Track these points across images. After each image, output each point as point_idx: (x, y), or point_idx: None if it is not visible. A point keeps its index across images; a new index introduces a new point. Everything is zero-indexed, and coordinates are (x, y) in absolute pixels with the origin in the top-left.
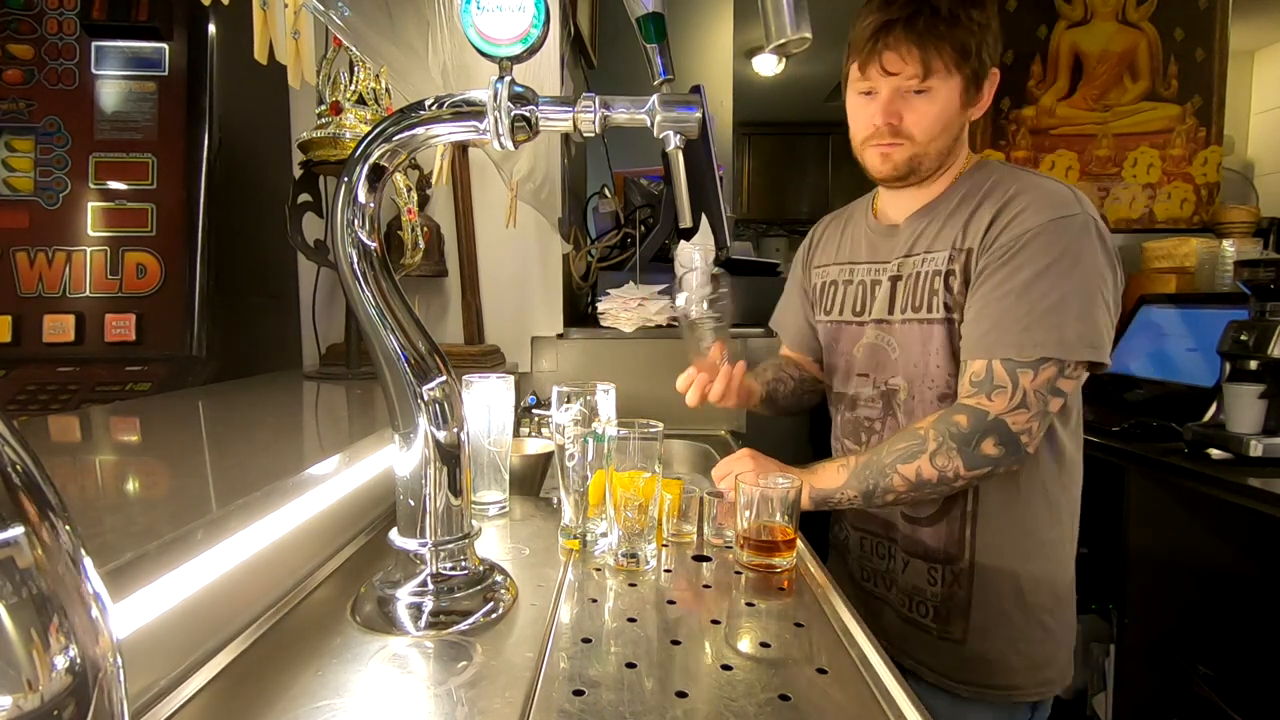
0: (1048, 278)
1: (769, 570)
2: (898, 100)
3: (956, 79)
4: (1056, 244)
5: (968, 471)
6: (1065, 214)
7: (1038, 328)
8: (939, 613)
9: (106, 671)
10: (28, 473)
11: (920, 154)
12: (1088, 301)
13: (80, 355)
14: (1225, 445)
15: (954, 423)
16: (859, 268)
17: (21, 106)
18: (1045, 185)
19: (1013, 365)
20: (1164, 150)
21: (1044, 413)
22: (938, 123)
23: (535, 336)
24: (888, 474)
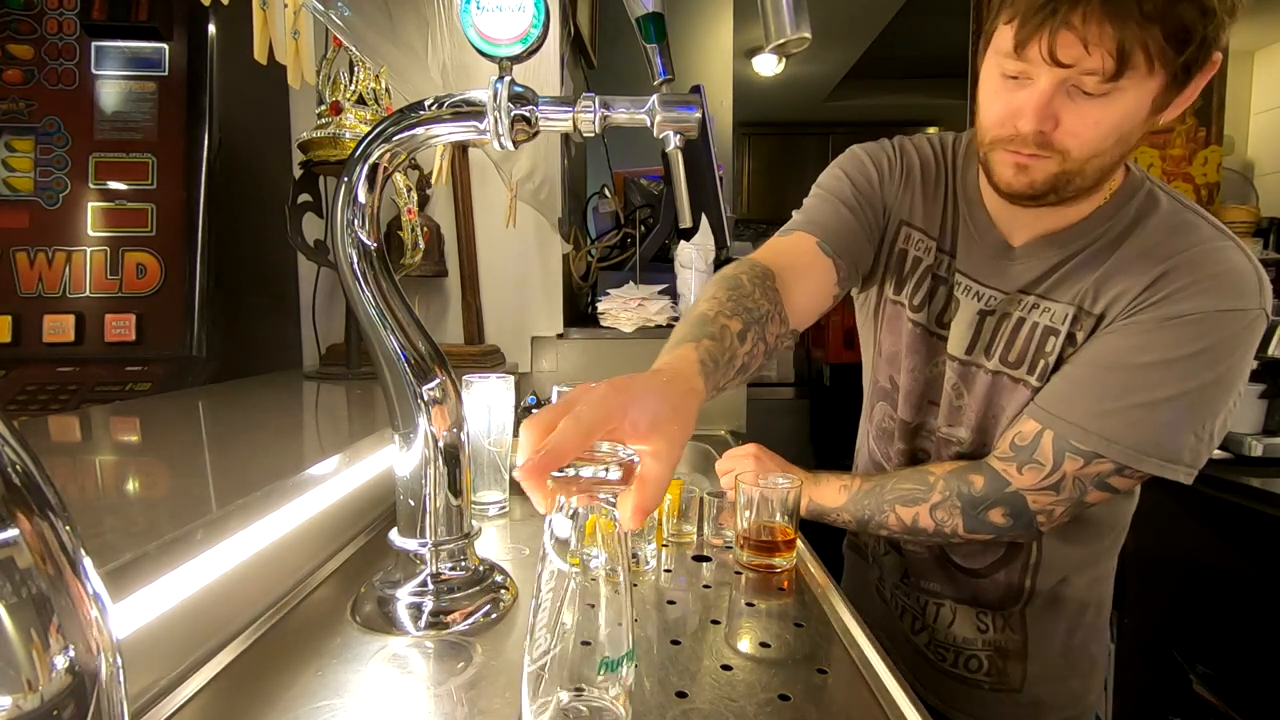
0: (1167, 371)
1: (769, 570)
2: (1061, 99)
3: (1157, 79)
4: (1203, 339)
5: (966, 533)
6: (1236, 307)
7: (1115, 420)
8: (993, 664)
9: (106, 672)
10: (28, 473)
11: (1073, 172)
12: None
13: (80, 355)
14: (1225, 445)
15: (968, 482)
16: (953, 268)
17: (21, 106)
18: (1229, 257)
19: (1064, 446)
20: (1164, 150)
21: (1078, 502)
22: (1110, 136)
23: (535, 336)
24: (884, 510)
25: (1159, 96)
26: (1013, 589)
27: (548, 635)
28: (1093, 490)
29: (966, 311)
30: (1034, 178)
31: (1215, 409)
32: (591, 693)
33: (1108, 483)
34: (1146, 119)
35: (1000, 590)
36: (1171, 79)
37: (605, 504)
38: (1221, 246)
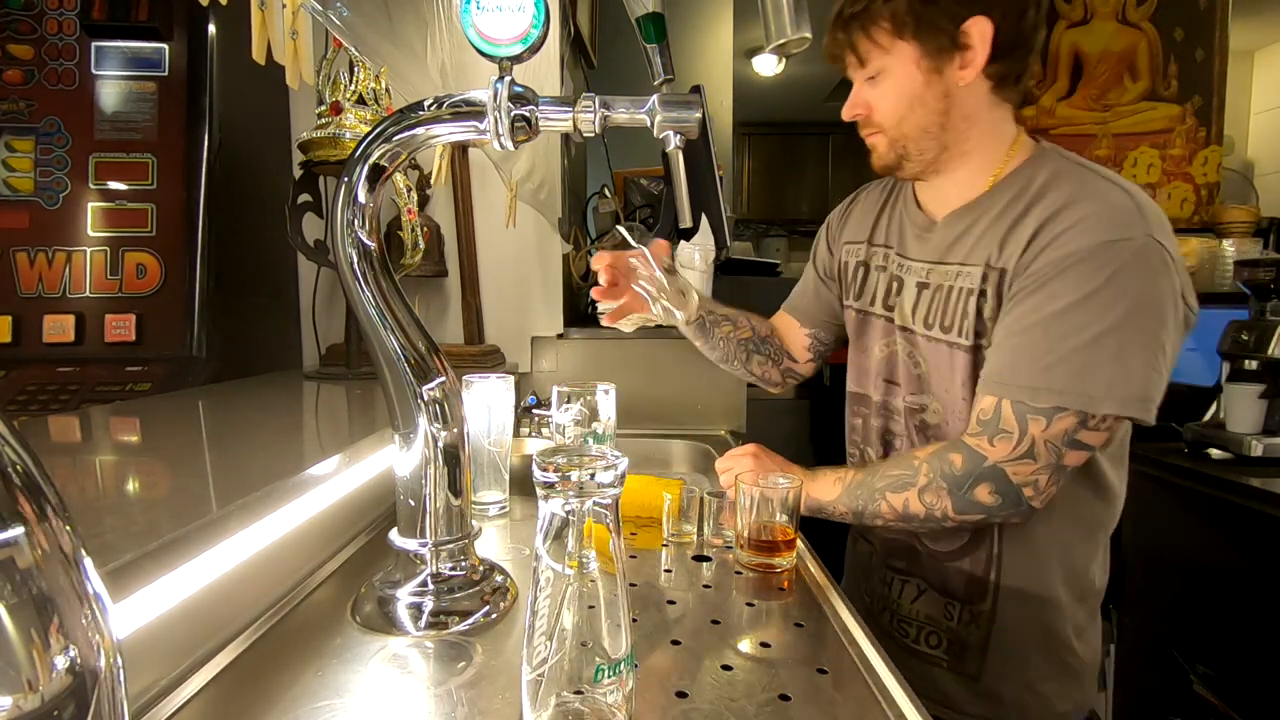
0: (1085, 309)
1: (769, 570)
2: (861, 90)
3: (906, 48)
4: (1102, 271)
5: (957, 515)
6: (1121, 236)
7: (1059, 370)
8: (952, 646)
9: (107, 672)
10: (28, 473)
11: (899, 136)
12: (1128, 343)
13: (80, 355)
14: (1225, 445)
15: (948, 461)
16: (892, 255)
17: (21, 107)
18: (1106, 195)
19: (1024, 409)
20: (1164, 150)
21: (1057, 466)
22: (901, 101)
23: (535, 336)
24: (876, 499)
25: (921, 61)
26: (977, 581)
27: (546, 642)
28: (1067, 451)
29: (909, 286)
30: (879, 149)
31: (1147, 339)
32: (592, 696)
33: (1077, 439)
34: (929, 78)
35: (965, 579)
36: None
37: (600, 508)
38: (1098, 188)
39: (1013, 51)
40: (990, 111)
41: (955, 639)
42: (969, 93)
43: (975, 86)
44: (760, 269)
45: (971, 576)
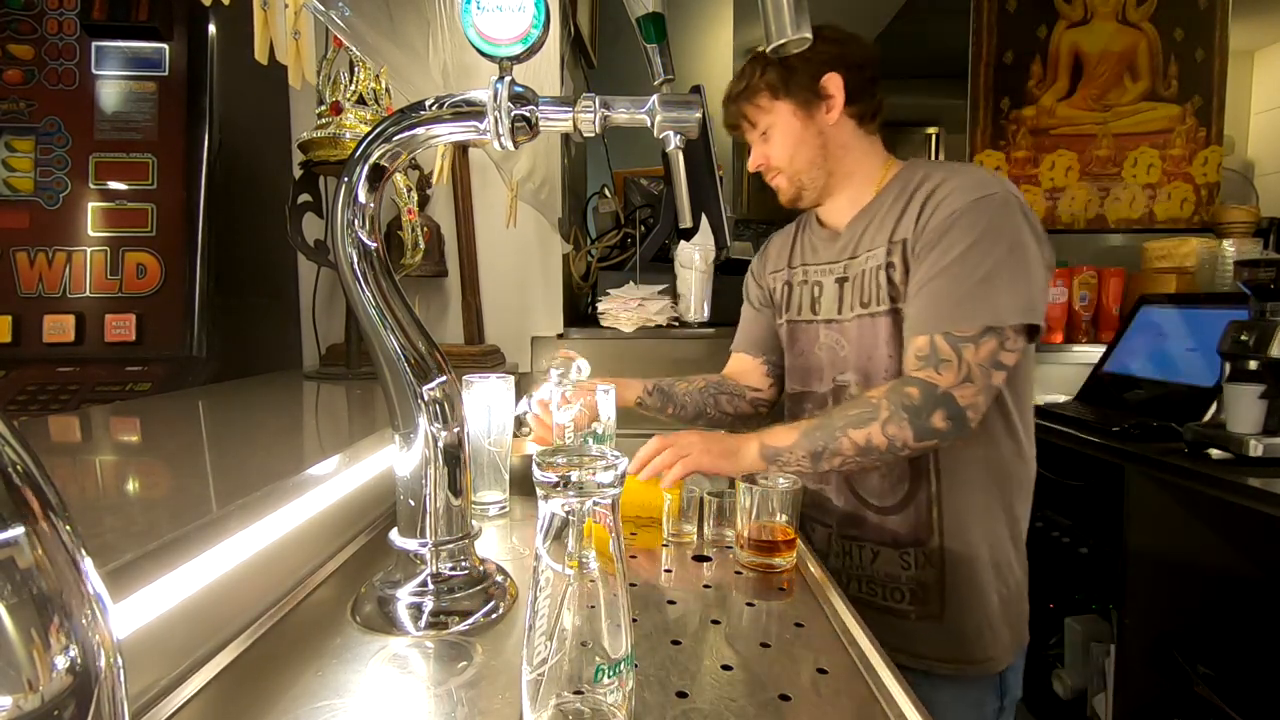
0: (976, 251)
1: (769, 570)
2: (758, 146)
3: (783, 105)
4: (980, 220)
5: (916, 443)
6: (986, 193)
7: (971, 299)
8: (915, 595)
9: (107, 671)
10: (28, 473)
11: (794, 173)
12: (1015, 269)
13: (80, 355)
14: (1225, 445)
15: (906, 394)
16: (810, 268)
17: (21, 106)
18: (968, 171)
19: (955, 339)
20: (1164, 150)
21: (989, 386)
22: (791, 145)
23: (535, 336)
24: (837, 436)
25: (798, 111)
26: (922, 523)
27: (546, 642)
28: (994, 372)
29: (828, 286)
30: (781, 187)
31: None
32: (592, 696)
33: (999, 360)
34: (805, 122)
35: (912, 526)
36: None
37: (600, 508)
38: (963, 167)
39: (861, 95)
40: (860, 140)
41: (916, 585)
42: (838, 129)
43: (842, 123)
44: None
45: (916, 522)
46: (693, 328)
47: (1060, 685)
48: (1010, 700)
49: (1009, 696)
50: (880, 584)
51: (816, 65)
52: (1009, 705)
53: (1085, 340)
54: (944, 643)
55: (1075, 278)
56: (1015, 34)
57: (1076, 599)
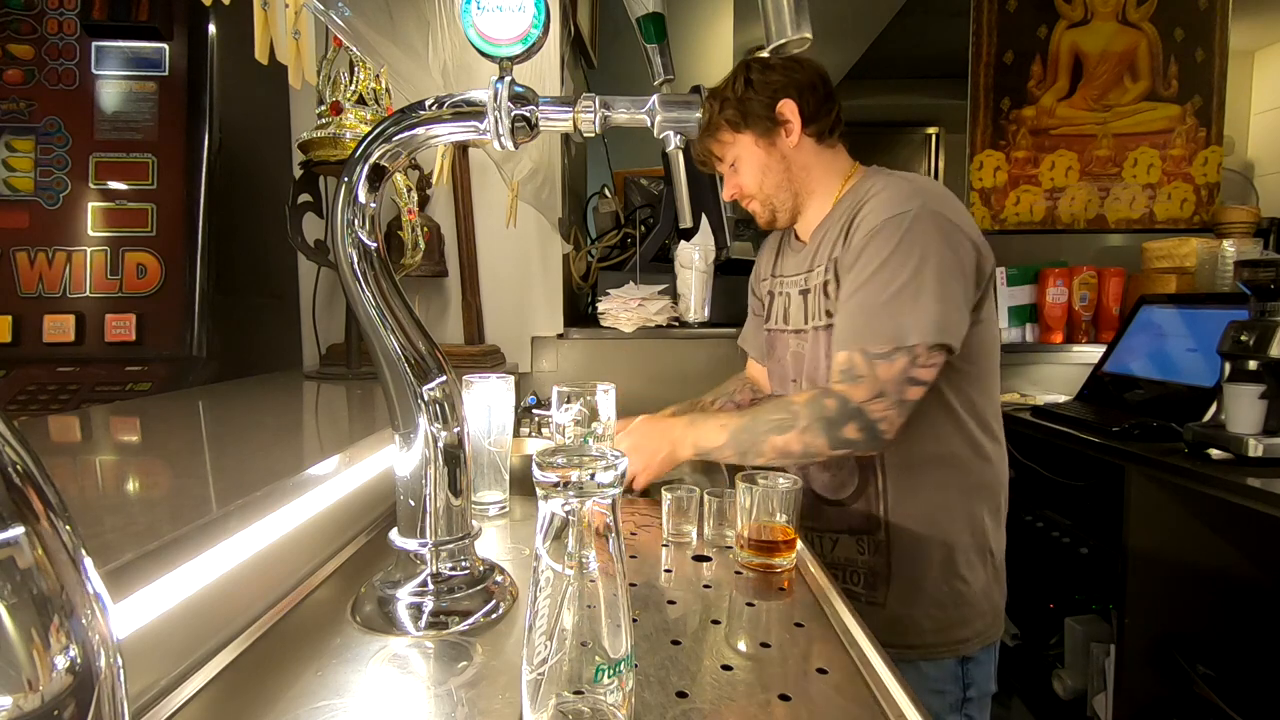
0: (884, 272)
1: (769, 570)
2: (730, 177)
3: (744, 138)
4: (891, 240)
5: (830, 451)
6: (899, 210)
7: (881, 318)
8: (868, 580)
9: (107, 671)
10: (28, 473)
11: (765, 198)
12: (921, 288)
13: (80, 355)
14: (1225, 445)
15: (824, 405)
16: (784, 279)
17: (22, 106)
18: (894, 185)
19: (869, 356)
20: (1164, 150)
21: (902, 401)
22: (757, 172)
23: (535, 336)
24: (760, 440)
25: (759, 141)
26: (871, 516)
27: (546, 642)
28: (908, 387)
29: (794, 297)
30: (758, 211)
31: (935, 283)
32: (591, 696)
33: (913, 376)
34: (769, 150)
35: (864, 516)
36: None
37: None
38: (889, 181)
39: (818, 114)
40: (821, 157)
41: (869, 571)
42: (799, 150)
43: (803, 144)
44: None
45: (865, 514)
46: (693, 328)
47: (1060, 685)
48: (979, 693)
49: (975, 688)
50: (841, 568)
51: (769, 94)
52: (977, 698)
53: (1085, 340)
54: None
55: (1075, 278)
56: (1015, 34)
57: (1076, 599)
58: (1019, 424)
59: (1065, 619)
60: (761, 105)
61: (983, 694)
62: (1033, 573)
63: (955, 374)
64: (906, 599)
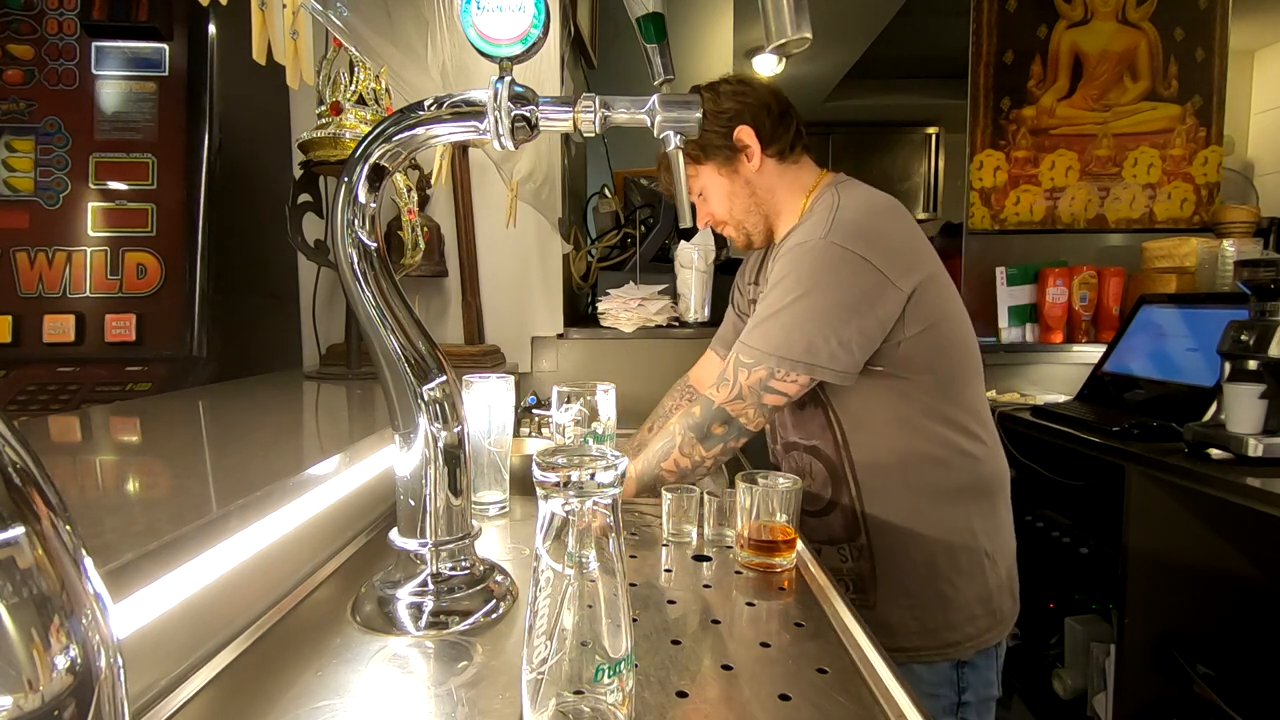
0: (773, 294)
1: (769, 570)
2: (701, 207)
3: (706, 169)
4: (792, 265)
5: (708, 453)
6: (802, 240)
7: (755, 333)
8: (855, 585)
9: (107, 671)
10: (28, 473)
11: (738, 224)
12: (798, 315)
13: (80, 355)
14: (1225, 445)
15: (691, 414)
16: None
17: (22, 107)
18: (818, 212)
19: (739, 363)
20: (1164, 150)
21: (759, 405)
22: (725, 200)
23: (535, 336)
24: (656, 469)
25: (721, 170)
26: (850, 524)
27: (547, 642)
28: (765, 394)
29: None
30: (733, 235)
31: (816, 317)
32: (592, 695)
33: (770, 386)
34: (732, 178)
35: (843, 525)
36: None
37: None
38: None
39: (775, 134)
40: (784, 175)
41: (856, 577)
42: (762, 174)
43: (765, 166)
44: None
45: (844, 522)
46: (692, 328)
47: (1060, 685)
48: (976, 697)
49: (972, 692)
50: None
51: (723, 123)
52: (975, 702)
53: (1085, 340)
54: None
55: (1075, 278)
56: (1015, 34)
57: (1076, 599)
58: (1019, 424)
59: (1065, 619)
60: (718, 136)
61: (981, 699)
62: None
63: (905, 384)
64: (893, 601)
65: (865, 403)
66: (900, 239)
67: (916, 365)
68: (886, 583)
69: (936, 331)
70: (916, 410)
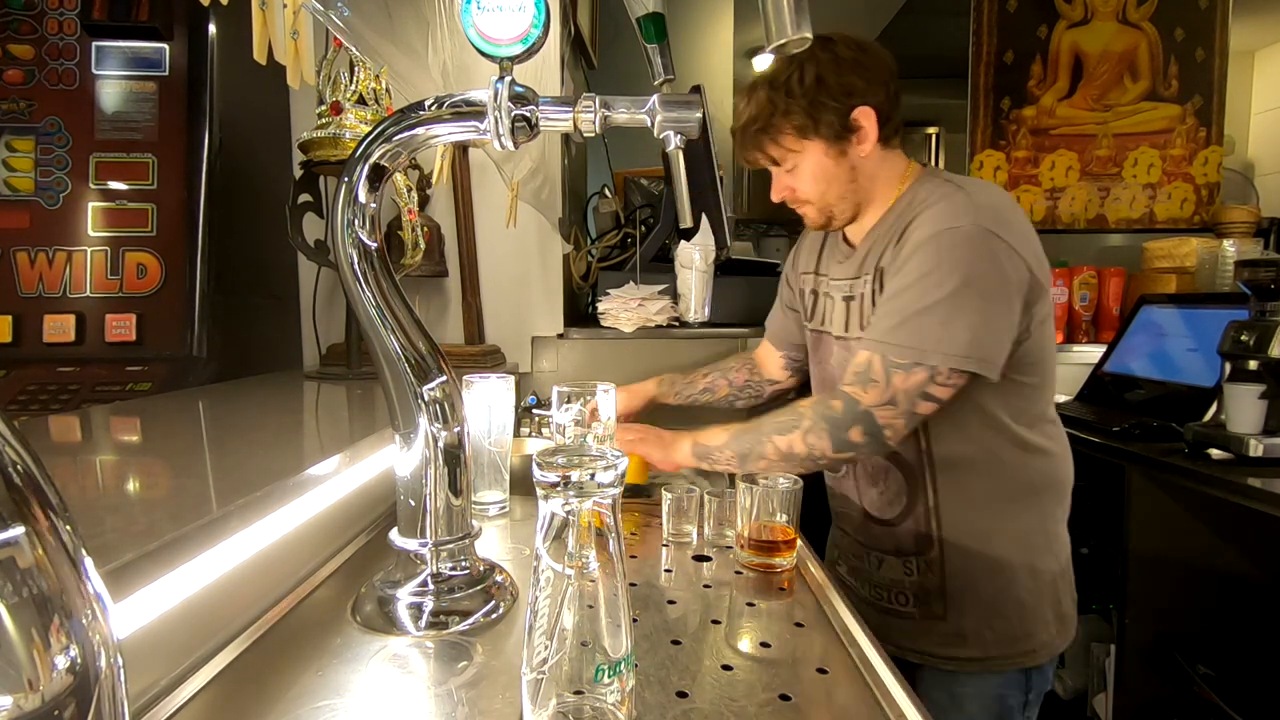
0: (923, 284)
1: (769, 570)
2: (782, 178)
3: (813, 144)
4: (936, 255)
5: (833, 453)
6: (951, 225)
7: (905, 329)
8: (918, 598)
9: (107, 671)
10: (28, 473)
11: (824, 206)
12: (958, 308)
13: (80, 355)
14: (1225, 445)
15: (830, 406)
16: (830, 281)
17: (22, 106)
18: (947, 196)
19: (889, 363)
20: (1164, 150)
21: (911, 413)
22: (819, 182)
23: (535, 336)
24: (762, 441)
25: (828, 151)
26: (922, 536)
27: (547, 642)
28: (920, 401)
29: (838, 302)
30: (811, 217)
31: (975, 306)
32: (592, 696)
33: (928, 392)
34: (838, 160)
35: (913, 537)
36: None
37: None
38: (944, 192)
39: (891, 117)
40: (885, 162)
41: (919, 590)
42: (869, 159)
43: (872, 152)
44: (761, 269)
45: (916, 534)
46: (693, 328)
47: (1060, 685)
48: (1037, 694)
49: (1035, 692)
50: (885, 589)
51: (845, 98)
52: (1034, 699)
53: (1085, 340)
54: (945, 642)
55: (1075, 278)
56: (1015, 34)
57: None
58: None
59: None
60: (834, 113)
61: (1039, 694)
62: None
63: (1009, 385)
64: (966, 610)
65: (960, 405)
66: (1031, 232)
67: (1023, 365)
68: (958, 592)
69: (1042, 330)
70: (1008, 412)
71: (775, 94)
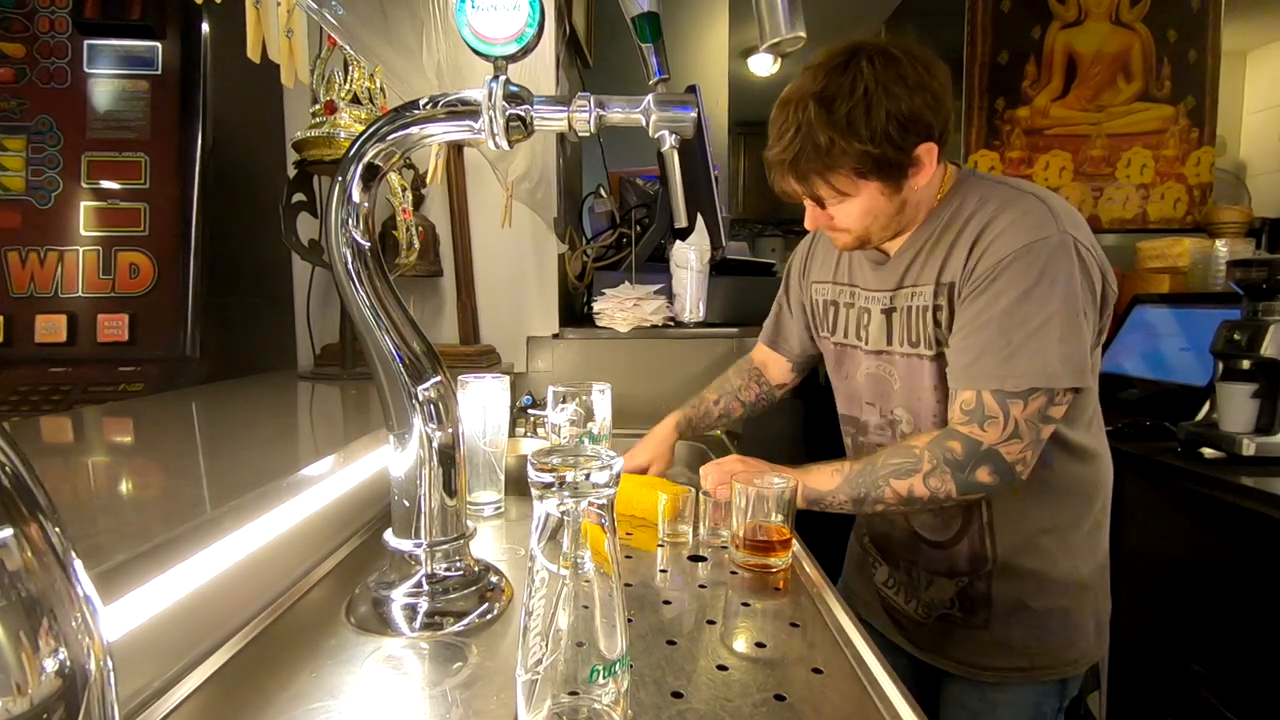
0: (1027, 304)
1: (765, 570)
2: (821, 211)
3: (869, 185)
4: (1033, 268)
5: (960, 495)
6: (1040, 236)
7: (1021, 357)
8: (963, 605)
9: (97, 674)
10: (17, 475)
11: (865, 234)
12: (1068, 325)
13: (72, 356)
14: (1218, 444)
15: (949, 449)
16: (858, 291)
17: (13, 105)
18: (1022, 203)
19: (1002, 396)
20: (1157, 151)
21: (1037, 440)
22: (866, 216)
23: (531, 336)
24: (880, 485)
25: (884, 189)
26: (977, 555)
27: (542, 643)
28: (1043, 426)
29: (875, 315)
30: (846, 243)
31: (1077, 318)
32: (587, 696)
33: (1049, 414)
34: (891, 197)
35: (967, 558)
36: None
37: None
38: (1014, 199)
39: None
40: (932, 181)
41: (963, 599)
42: (920, 189)
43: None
44: (756, 269)
45: (971, 554)
46: (688, 328)
47: None
48: (1067, 701)
49: (1067, 698)
50: (930, 606)
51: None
52: (1065, 706)
53: None
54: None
55: None
56: (1009, 34)
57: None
58: None
59: None
60: (901, 153)
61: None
62: None
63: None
64: (1011, 620)
65: None
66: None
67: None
68: (1003, 602)
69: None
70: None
71: (833, 130)
